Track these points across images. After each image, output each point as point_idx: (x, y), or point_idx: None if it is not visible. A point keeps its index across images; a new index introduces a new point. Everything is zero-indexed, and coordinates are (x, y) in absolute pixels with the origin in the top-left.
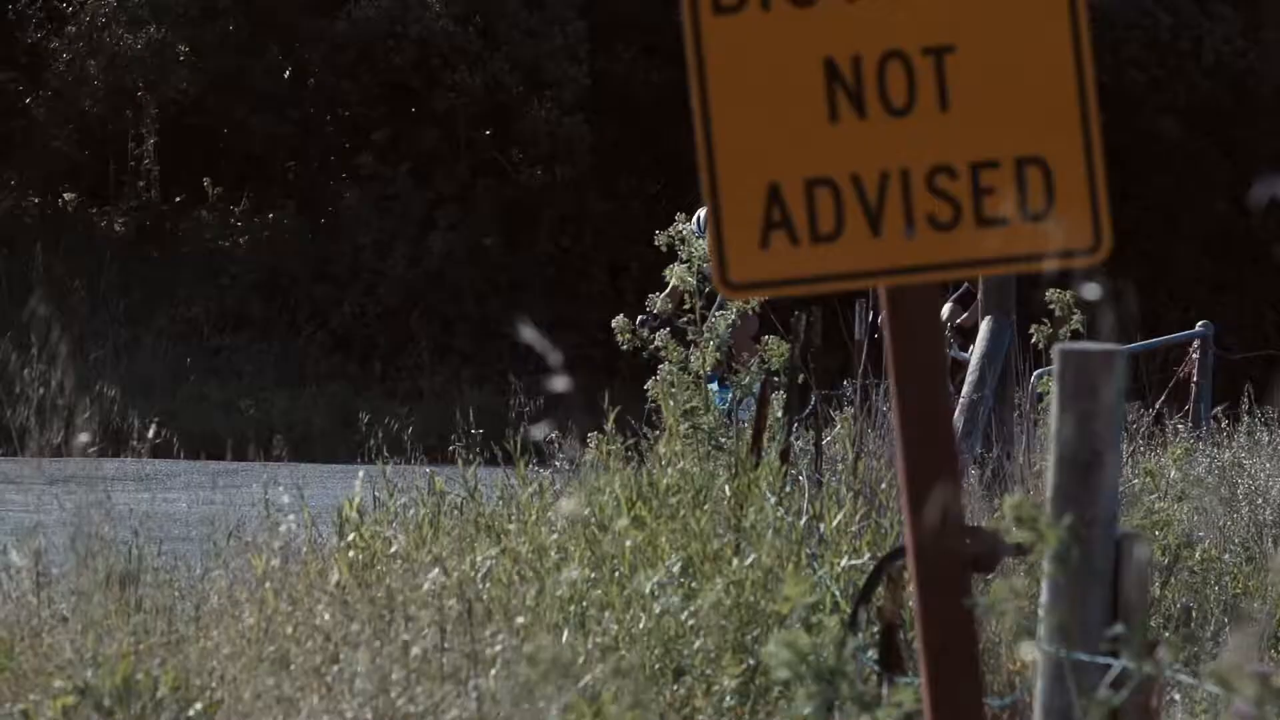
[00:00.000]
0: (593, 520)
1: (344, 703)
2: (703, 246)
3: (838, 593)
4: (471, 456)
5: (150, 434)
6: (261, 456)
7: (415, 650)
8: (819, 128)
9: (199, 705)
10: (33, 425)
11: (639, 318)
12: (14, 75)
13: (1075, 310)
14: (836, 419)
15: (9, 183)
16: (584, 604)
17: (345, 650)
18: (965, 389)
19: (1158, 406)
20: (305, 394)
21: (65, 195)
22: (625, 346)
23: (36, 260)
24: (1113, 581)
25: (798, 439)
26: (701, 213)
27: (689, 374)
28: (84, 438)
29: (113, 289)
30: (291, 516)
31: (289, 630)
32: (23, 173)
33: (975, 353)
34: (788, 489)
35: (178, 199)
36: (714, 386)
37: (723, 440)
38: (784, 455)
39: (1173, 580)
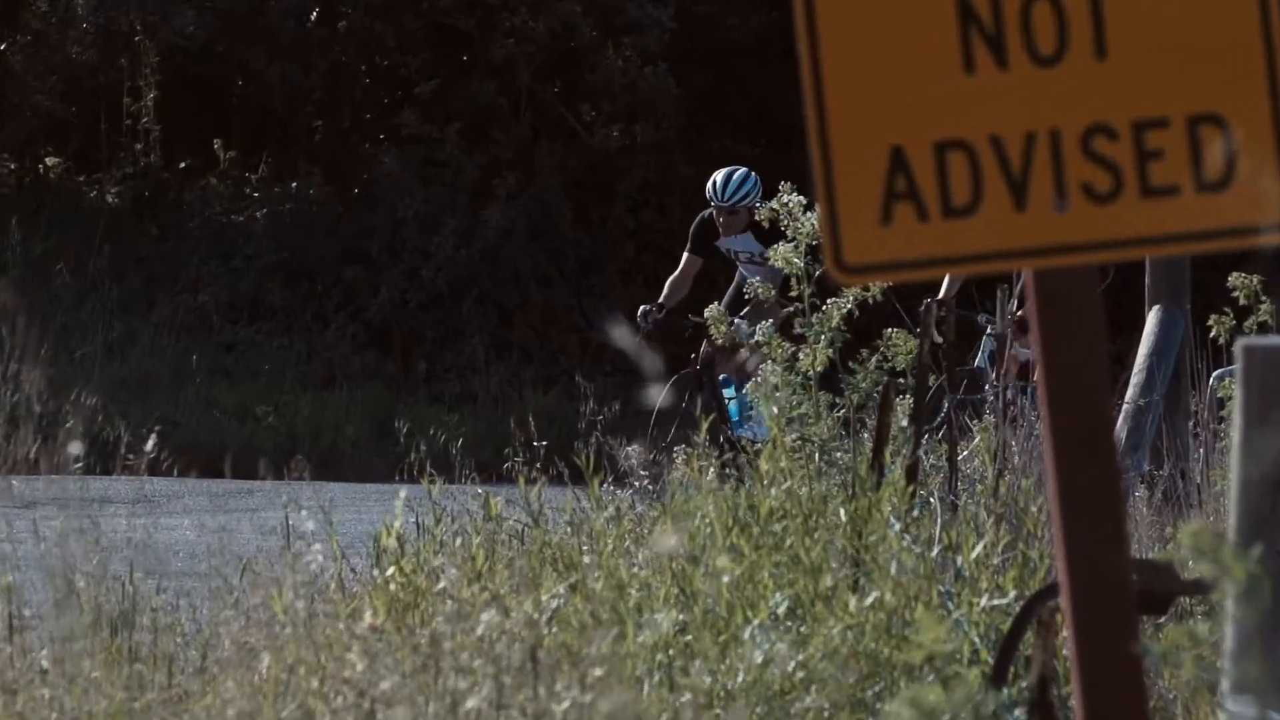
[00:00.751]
0: (681, 551)
1: None
2: (811, 221)
3: (977, 639)
4: (534, 474)
5: (148, 446)
6: (281, 474)
7: (468, 706)
8: (951, 80)
9: None
10: (2, 437)
11: (641, 307)
12: None
13: (1263, 299)
14: (974, 429)
15: None
16: (671, 652)
17: (382, 708)
18: (1130, 393)
19: None
20: (334, 399)
21: (47, 160)
22: (720, 341)
23: (12, 237)
24: None
25: (927, 453)
26: (719, 175)
27: (796, 374)
28: (73, 449)
29: (104, 272)
30: (317, 546)
31: (314, 684)
32: None
33: (1141, 349)
34: (916, 513)
35: (182, 165)
36: (729, 391)
37: (838, 455)
38: (911, 473)
39: None
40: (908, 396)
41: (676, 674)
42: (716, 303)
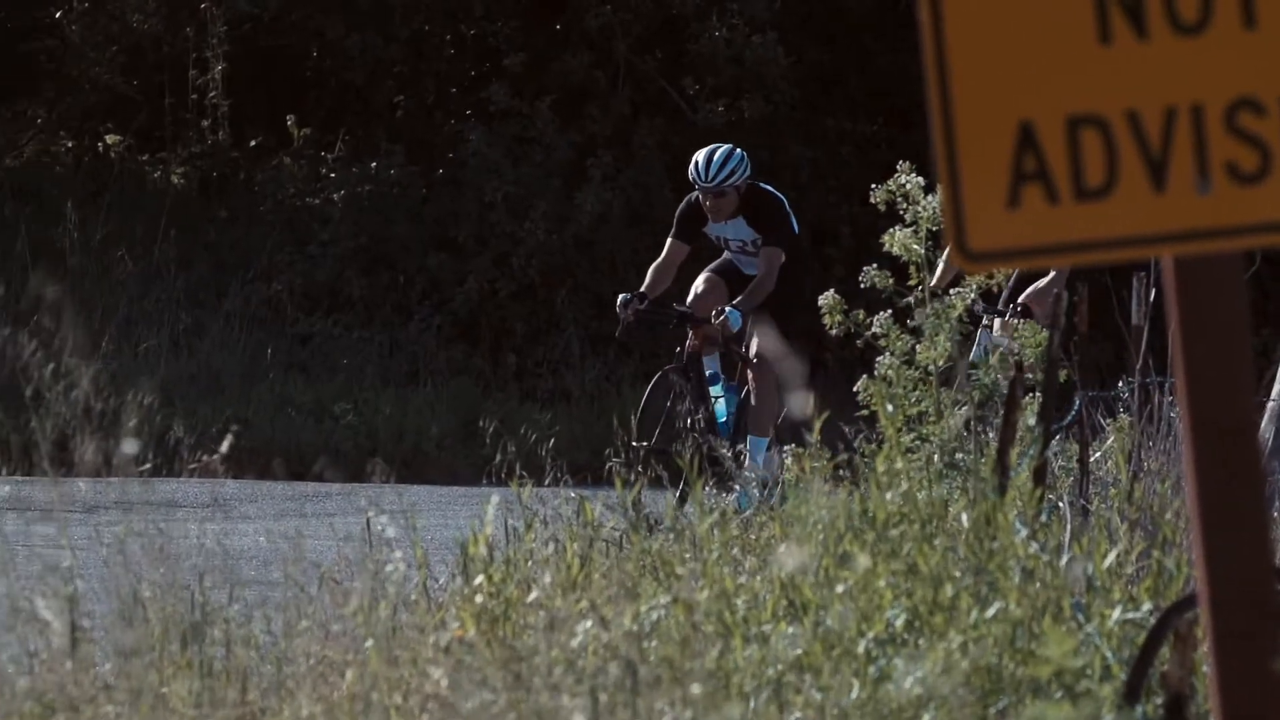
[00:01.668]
0: (808, 569)
1: None
2: (933, 204)
3: (1110, 653)
4: (633, 476)
5: (223, 448)
6: (360, 476)
7: None
8: (1086, 50)
9: None
10: (70, 437)
11: (621, 296)
12: None
13: None
14: (1107, 428)
15: (34, 121)
16: (780, 667)
17: None
18: (1276, 390)
19: None
20: (417, 396)
21: (107, 138)
22: (834, 331)
23: (69, 221)
24: None
25: (1057, 454)
26: (701, 154)
27: (915, 369)
28: (128, 447)
29: (169, 259)
30: (399, 553)
31: (397, 699)
32: (53, 108)
33: None
34: (1044, 519)
35: (252, 143)
36: (716, 389)
37: (959, 456)
38: (1039, 475)
39: None
40: (1035, 393)
41: (786, 691)
42: (831, 290)
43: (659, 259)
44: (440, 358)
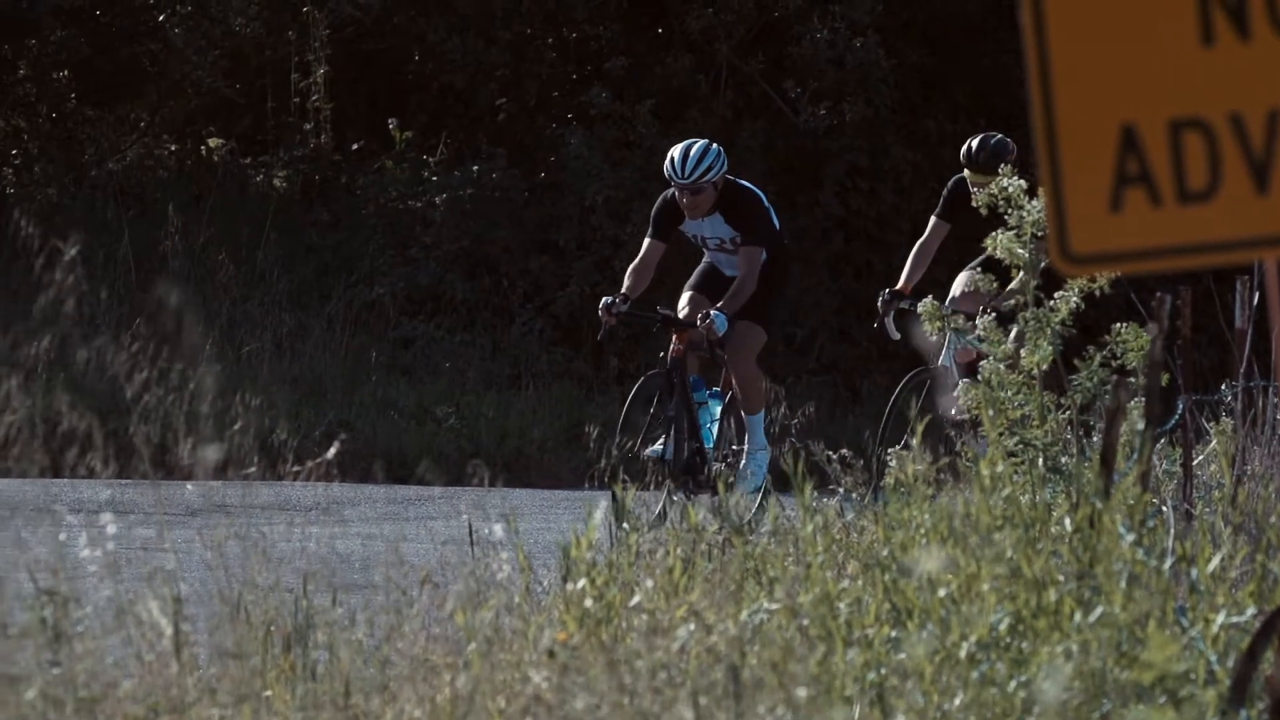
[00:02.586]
0: (893, 564)
1: None
2: (1037, 209)
3: (1214, 658)
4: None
5: (331, 452)
6: (463, 479)
7: None
8: (1188, 53)
9: None
10: (171, 439)
11: (604, 299)
12: None
13: None
14: (1211, 432)
15: (138, 124)
16: (883, 671)
17: None
18: None
19: None
20: (520, 399)
21: (210, 141)
22: (934, 337)
23: (172, 224)
24: None
25: (1160, 458)
26: (676, 150)
27: (1019, 374)
28: (210, 454)
29: (272, 262)
30: (503, 556)
31: (500, 703)
32: (156, 112)
33: None
34: (1148, 523)
35: (355, 146)
36: (700, 395)
37: (1063, 460)
38: (1143, 479)
39: None
40: (1139, 397)
41: (889, 695)
42: (931, 297)
43: (636, 259)
44: (542, 361)
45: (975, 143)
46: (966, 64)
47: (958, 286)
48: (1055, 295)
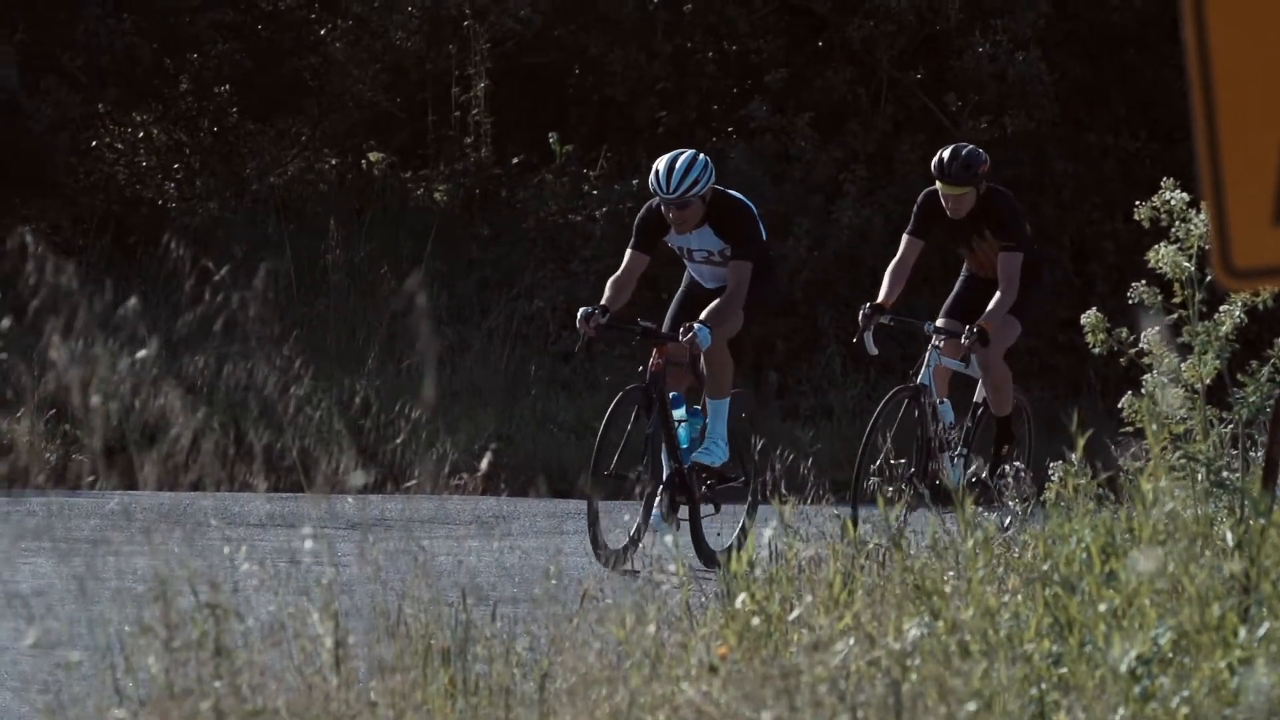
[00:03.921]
0: (1054, 578)
1: None
2: (1201, 225)
3: None
4: (895, 494)
5: (482, 465)
6: (623, 493)
7: None
8: None
9: None
10: (334, 452)
11: (582, 310)
12: None
13: None
14: None
15: (299, 138)
16: (1044, 686)
17: None
18: None
19: None
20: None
21: (370, 155)
22: (1097, 350)
23: (333, 238)
24: None
25: None
26: (661, 163)
27: (1182, 387)
28: (356, 479)
29: (432, 276)
30: (672, 568)
31: (660, 717)
32: (317, 126)
33: None
34: None
35: (515, 160)
36: (680, 412)
37: (1225, 474)
38: None
39: None
40: None
41: (1049, 709)
42: (1094, 309)
43: (618, 271)
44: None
45: (946, 154)
46: (1128, 77)
47: (948, 309)
48: (1220, 309)
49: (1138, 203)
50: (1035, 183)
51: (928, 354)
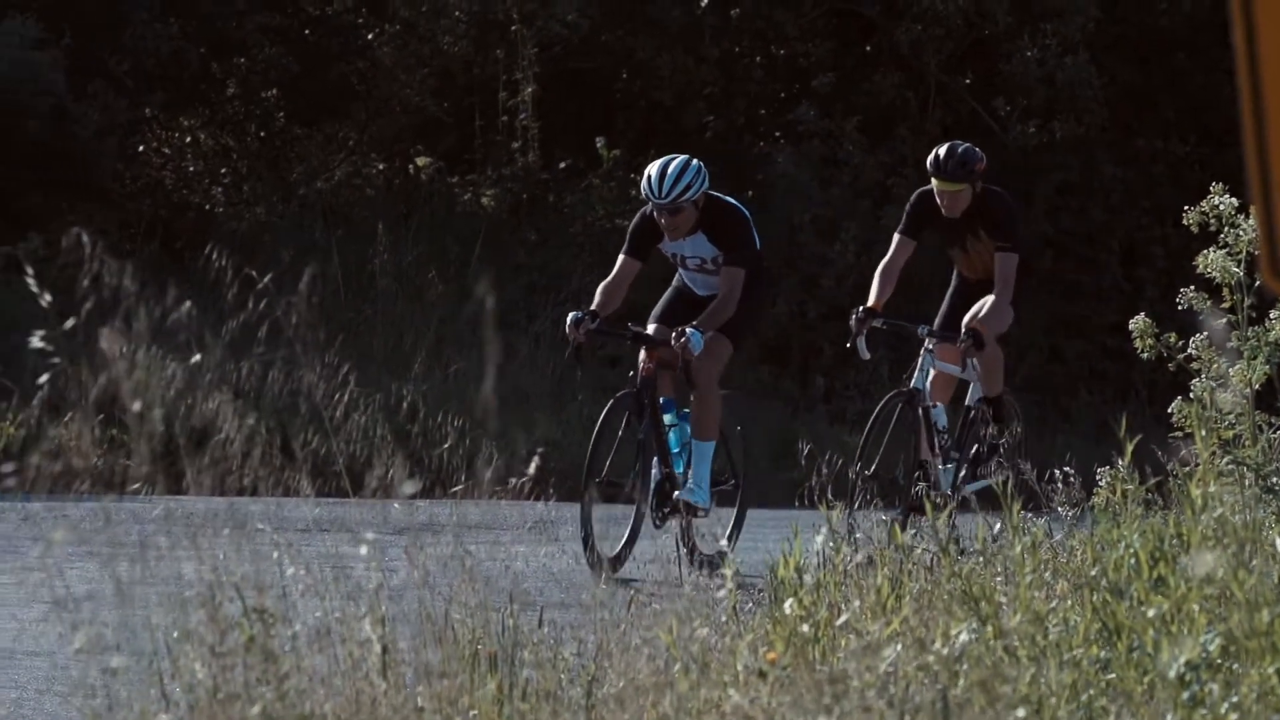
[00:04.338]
0: (1103, 583)
1: None
2: (1250, 230)
3: None
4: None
5: (530, 470)
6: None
7: None
8: None
9: None
10: (385, 458)
11: (571, 315)
12: (352, 3)
13: None
14: None
15: (346, 143)
16: (1093, 692)
17: None
18: None
19: None
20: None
21: (418, 160)
22: (1145, 355)
23: (380, 243)
24: None
25: None
26: (653, 168)
27: (1231, 393)
28: (408, 489)
29: (479, 279)
30: (725, 572)
31: None
32: (364, 130)
33: None
34: None
35: (562, 164)
36: (670, 417)
37: (1275, 480)
38: None
39: None
40: None
41: (1098, 715)
42: (1142, 314)
43: (609, 277)
44: (749, 379)
45: (943, 151)
46: (1177, 81)
47: (944, 314)
48: (1270, 315)
49: (1187, 208)
50: (1084, 187)
51: (921, 358)
